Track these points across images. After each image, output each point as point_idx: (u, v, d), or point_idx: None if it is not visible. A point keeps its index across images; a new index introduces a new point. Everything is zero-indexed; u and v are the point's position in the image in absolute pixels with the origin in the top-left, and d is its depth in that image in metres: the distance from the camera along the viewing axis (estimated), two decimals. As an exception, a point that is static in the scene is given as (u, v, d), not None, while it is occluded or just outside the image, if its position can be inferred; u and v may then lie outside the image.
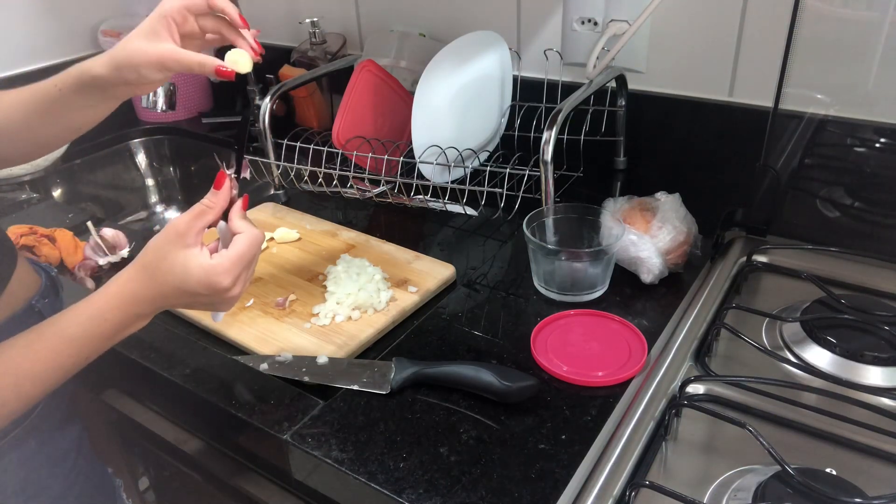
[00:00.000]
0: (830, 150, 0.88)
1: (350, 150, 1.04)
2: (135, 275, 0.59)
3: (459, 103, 1.01)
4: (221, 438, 0.76)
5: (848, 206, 0.88)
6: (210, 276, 0.59)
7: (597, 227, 0.85)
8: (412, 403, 0.67)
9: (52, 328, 0.58)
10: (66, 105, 0.69)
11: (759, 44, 0.93)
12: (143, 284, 0.59)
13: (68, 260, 0.96)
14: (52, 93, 0.69)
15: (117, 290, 0.59)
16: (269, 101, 1.07)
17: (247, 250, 0.61)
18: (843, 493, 0.54)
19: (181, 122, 1.47)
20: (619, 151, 1.09)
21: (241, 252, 0.60)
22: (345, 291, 0.80)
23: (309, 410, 0.67)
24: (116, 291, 0.59)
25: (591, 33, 1.03)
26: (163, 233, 0.60)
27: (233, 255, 0.60)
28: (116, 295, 0.59)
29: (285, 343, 0.75)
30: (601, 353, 0.72)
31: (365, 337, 0.75)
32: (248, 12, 1.32)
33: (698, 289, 0.83)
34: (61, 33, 1.47)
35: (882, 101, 0.83)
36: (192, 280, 0.59)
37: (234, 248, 0.60)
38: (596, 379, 0.69)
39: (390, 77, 1.10)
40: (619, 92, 1.03)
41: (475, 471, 0.59)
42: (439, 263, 0.88)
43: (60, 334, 0.58)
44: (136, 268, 0.60)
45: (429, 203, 1.03)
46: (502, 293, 0.84)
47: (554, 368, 0.70)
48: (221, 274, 0.59)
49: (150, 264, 0.59)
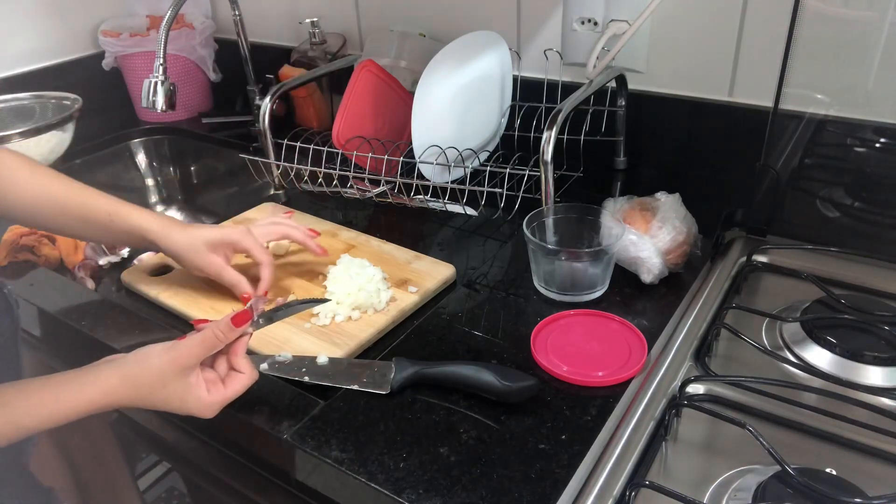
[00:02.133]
0: (830, 150, 0.88)
1: (350, 150, 1.04)
2: (122, 388, 0.59)
3: (459, 103, 1.01)
4: (221, 438, 0.76)
5: (848, 206, 0.88)
6: (203, 408, 0.61)
7: (597, 228, 0.85)
8: (412, 403, 0.67)
9: (5, 413, 0.56)
10: (107, 230, 0.78)
11: (759, 44, 0.93)
12: (128, 398, 0.59)
13: (68, 260, 0.96)
14: (102, 217, 0.77)
15: (95, 398, 0.58)
16: (269, 101, 1.06)
17: (241, 391, 0.63)
18: (844, 493, 0.54)
19: (181, 122, 1.47)
20: (619, 151, 1.09)
21: (237, 392, 0.62)
22: (344, 291, 0.80)
23: (309, 410, 0.67)
24: (94, 399, 0.58)
25: (591, 33, 1.03)
26: (168, 361, 0.59)
27: (230, 394, 0.62)
28: (92, 402, 0.58)
29: (285, 343, 0.75)
30: (601, 353, 0.72)
31: (365, 337, 0.75)
32: (248, 12, 1.32)
33: (698, 289, 0.83)
34: (61, 34, 1.46)
35: (882, 101, 0.83)
36: (185, 407, 0.60)
37: (231, 389, 0.62)
38: (596, 379, 0.68)
39: (390, 77, 1.10)
40: (619, 92, 1.03)
41: (475, 471, 0.59)
42: (439, 263, 0.87)
43: (14, 423, 0.56)
44: (127, 384, 0.59)
45: (429, 203, 1.03)
46: (502, 293, 0.84)
47: (554, 368, 0.70)
48: (214, 406, 0.61)
49: (145, 386, 0.59)
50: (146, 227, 0.76)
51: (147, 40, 1.43)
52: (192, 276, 0.84)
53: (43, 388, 0.57)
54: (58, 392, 0.57)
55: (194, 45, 1.46)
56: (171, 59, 1.38)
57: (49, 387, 0.58)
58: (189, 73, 1.47)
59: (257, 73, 1.37)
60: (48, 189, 0.76)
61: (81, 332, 0.80)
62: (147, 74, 1.11)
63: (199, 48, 1.47)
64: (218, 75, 1.54)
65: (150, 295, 0.85)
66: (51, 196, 0.76)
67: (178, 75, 1.43)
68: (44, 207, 0.76)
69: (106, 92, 1.48)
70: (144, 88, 1.11)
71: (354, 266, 0.84)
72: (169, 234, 0.77)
